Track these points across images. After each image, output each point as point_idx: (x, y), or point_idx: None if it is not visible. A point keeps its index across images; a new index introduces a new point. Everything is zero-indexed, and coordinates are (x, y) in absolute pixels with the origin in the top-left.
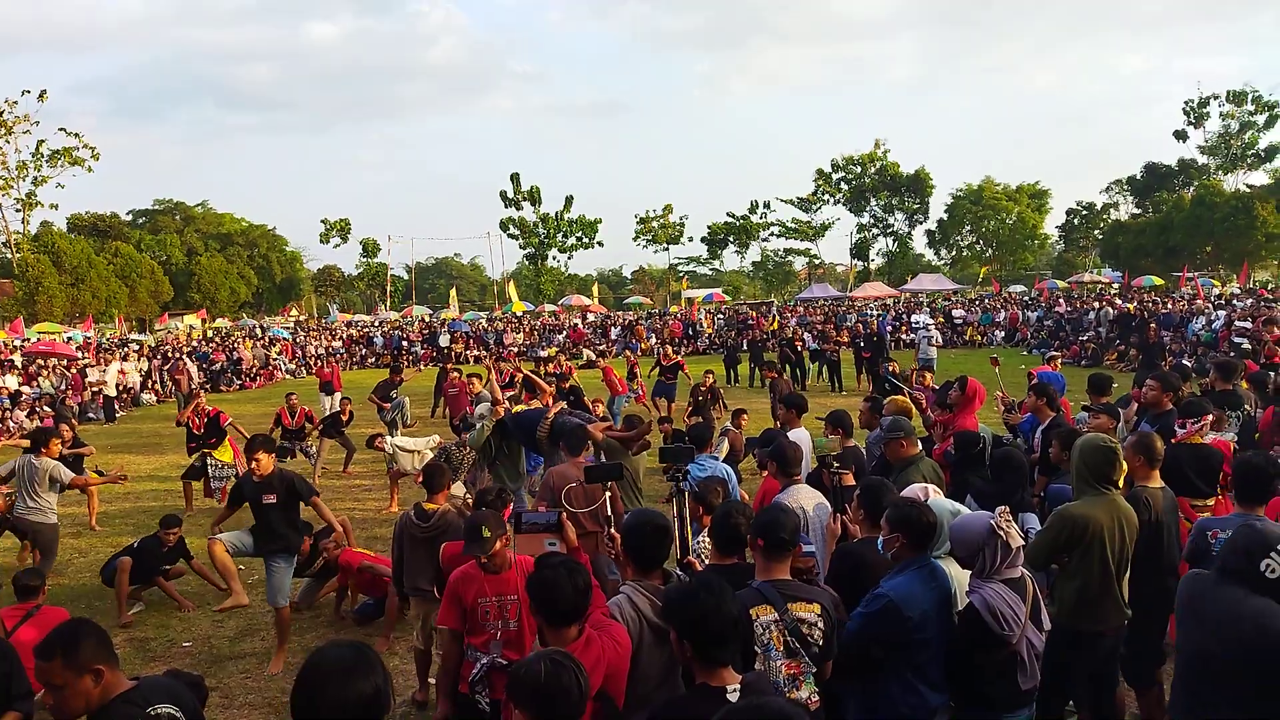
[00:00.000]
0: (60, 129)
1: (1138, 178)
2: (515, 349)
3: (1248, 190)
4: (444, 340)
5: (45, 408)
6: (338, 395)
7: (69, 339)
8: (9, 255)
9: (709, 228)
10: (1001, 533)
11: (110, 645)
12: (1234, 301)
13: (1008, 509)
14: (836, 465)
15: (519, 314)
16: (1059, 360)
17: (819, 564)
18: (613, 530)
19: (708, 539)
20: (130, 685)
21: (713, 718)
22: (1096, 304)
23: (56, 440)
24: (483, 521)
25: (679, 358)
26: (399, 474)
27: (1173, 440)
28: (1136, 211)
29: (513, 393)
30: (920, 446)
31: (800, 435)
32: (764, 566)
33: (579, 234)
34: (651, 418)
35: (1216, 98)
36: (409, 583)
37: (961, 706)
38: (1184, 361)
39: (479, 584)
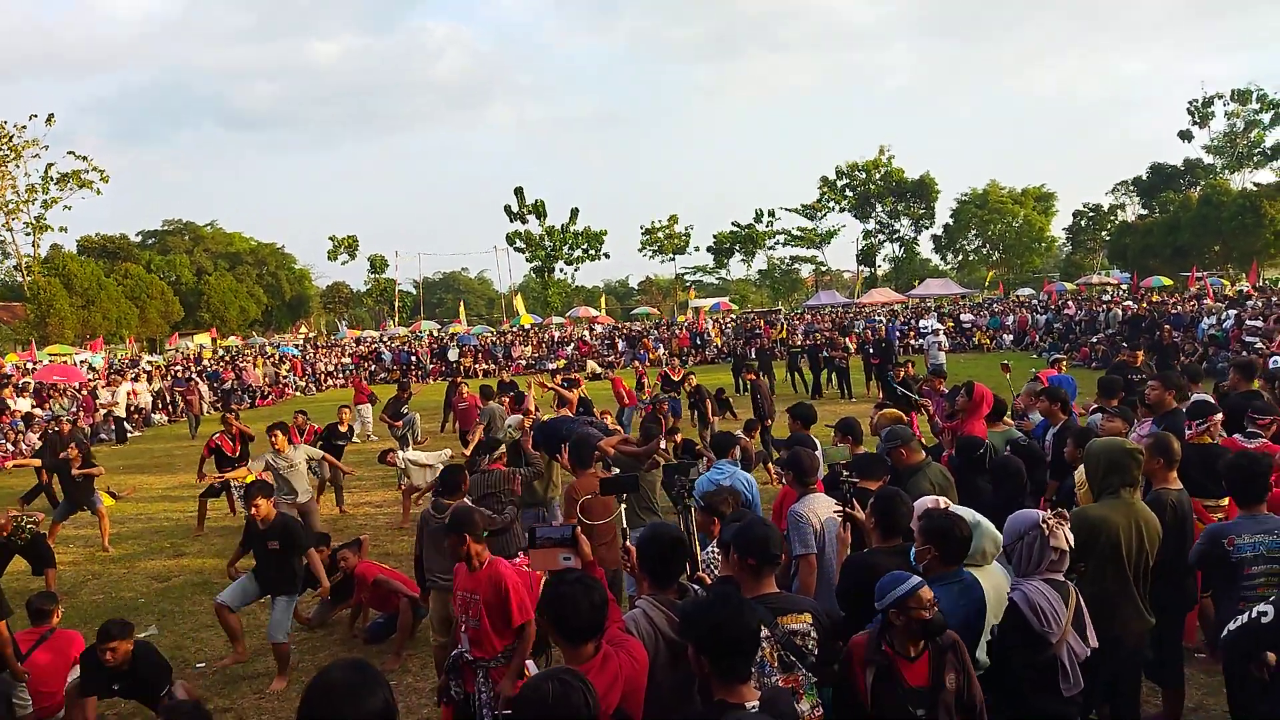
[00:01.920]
0: (70, 152)
1: (1144, 178)
2: (523, 362)
3: (1255, 188)
4: (453, 354)
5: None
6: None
7: (81, 360)
8: (20, 278)
9: (715, 237)
10: (1045, 528)
11: None
12: (1245, 300)
13: (1064, 510)
14: (847, 474)
15: (527, 327)
16: (1064, 363)
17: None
18: (627, 544)
19: (718, 550)
20: None
21: None
22: (1105, 306)
23: (278, 432)
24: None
25: (683, 370)
26: (411, 489)
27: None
28: (1143, 212)
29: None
30: (924, 453)
31: None
32: (751, 584)
33: (585, 246)
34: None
35: (1221, 97)
36: (427, 574)
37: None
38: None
39: (461, 578)
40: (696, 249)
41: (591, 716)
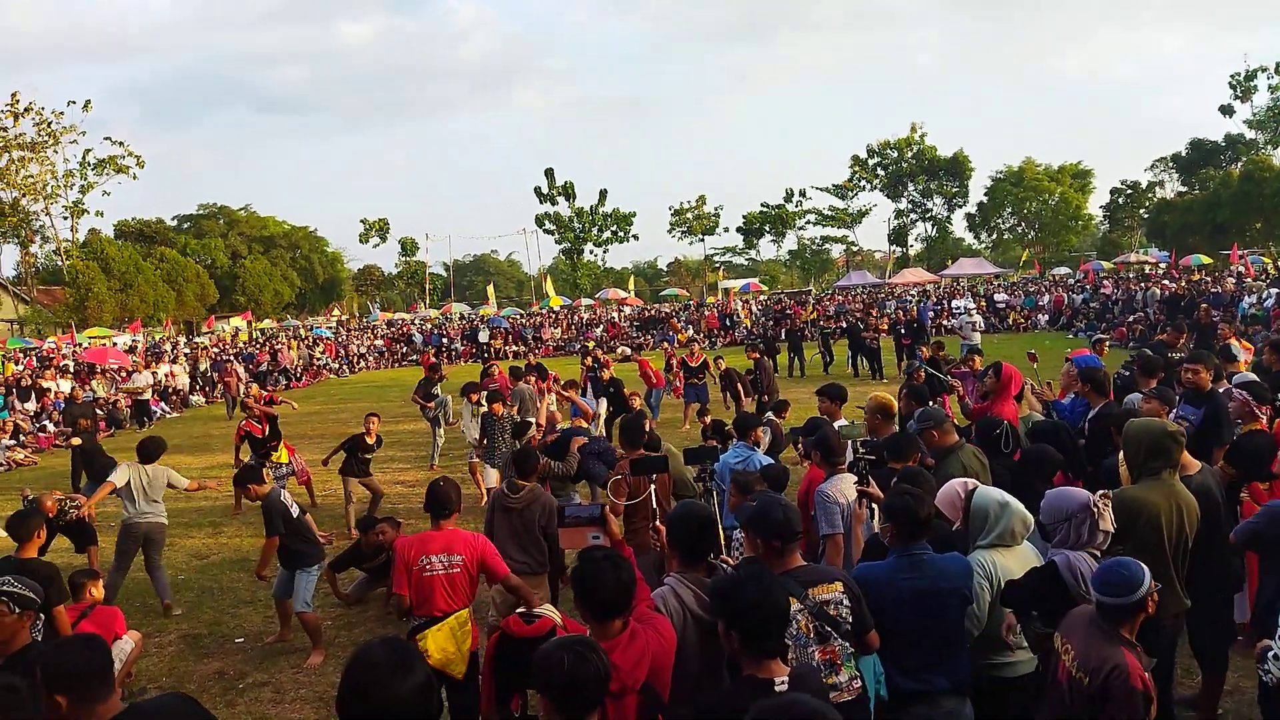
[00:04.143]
0: (106, 138)
1: (1183, 155)
2: (553, 344)
3: None
4: (483, 336)
5: (97, 410)
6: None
7: (131, 342)
8: (59, 262)
9: (744, 217)
10: (1095, 511)
11: (82, 675)
12: None
13: (1109, 492)
14: (863, 450)
15: (556, 309)
16: (1106, 343)
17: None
18: (657, 523)
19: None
20: (121, 710)
21: (748, 711)
22: (1143, 285)
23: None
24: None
25: (704, 355)
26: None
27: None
28: (1183, 189)
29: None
30: (957, 435)
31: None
32: (777, 563)
33: (614, 228)
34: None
35: (1265, 70)
36: None
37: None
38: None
39: None
40: (726, 230)
41: (603, 683)
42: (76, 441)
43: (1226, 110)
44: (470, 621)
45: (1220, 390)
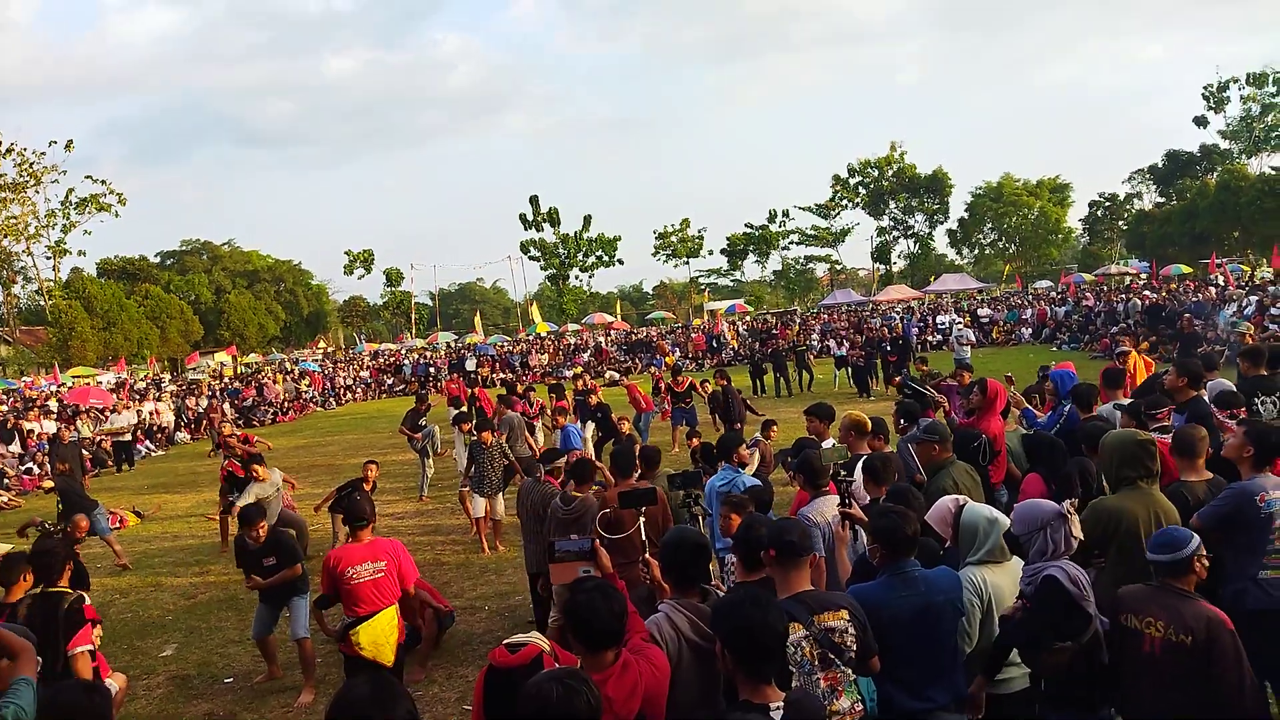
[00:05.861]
0: (87, 176)
1: (1160, 166)
2: (540, 370)
3: (1273, 172)
4: (470, 365)
5: (83, 451)
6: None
7: (117, 380)
8: (41, 302)
9: (728, 239)
10: (1069, 516)
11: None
12: (1268, 287)
13: (1076, 501)
14: (844, 473)
15: (543, 335)
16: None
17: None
18: (648, 555)
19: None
20: None
21: None
22: (1125, 296)
23: (259, 466)
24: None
25: (689, 378)
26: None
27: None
28: (1160, 200)
29: None
30: (953, 452)
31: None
32: (783, 581)
33: (599, 252)
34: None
35: (1236, 81)
36: (541, 565)
37: (1051, 709)
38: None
39: None
40: (710, 252)
41: (595, 718)
42: (49, 484)
43: (1201, 121)
44: (397, 616)
45: (1203, 396)
